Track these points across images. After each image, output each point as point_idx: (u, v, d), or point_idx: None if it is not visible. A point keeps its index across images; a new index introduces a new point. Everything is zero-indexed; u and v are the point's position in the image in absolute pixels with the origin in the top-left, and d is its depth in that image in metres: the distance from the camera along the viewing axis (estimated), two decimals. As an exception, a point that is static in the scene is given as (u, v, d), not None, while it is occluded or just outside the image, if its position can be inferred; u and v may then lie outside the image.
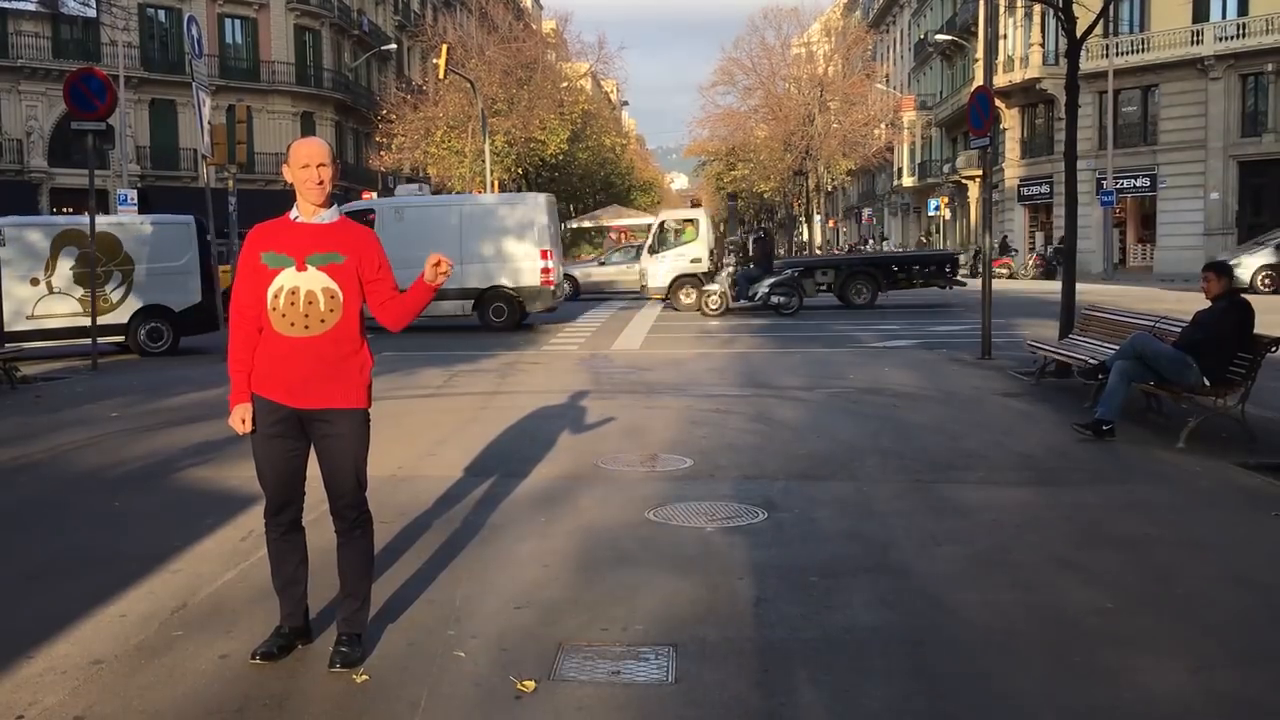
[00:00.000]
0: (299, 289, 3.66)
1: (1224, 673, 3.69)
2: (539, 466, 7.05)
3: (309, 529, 4.01)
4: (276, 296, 3.67)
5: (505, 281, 19.09)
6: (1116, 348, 8.33)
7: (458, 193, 24.00)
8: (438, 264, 3.66)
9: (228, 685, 3.65)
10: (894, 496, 6.15)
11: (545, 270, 19.03)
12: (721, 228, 32.57)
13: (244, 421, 3.76)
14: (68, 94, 12.98)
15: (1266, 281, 25.41)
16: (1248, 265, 25.90)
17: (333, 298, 3.69)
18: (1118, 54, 37.26)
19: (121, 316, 15.38)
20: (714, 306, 21.46)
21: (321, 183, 3.70)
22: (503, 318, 19.12)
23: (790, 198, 51.54)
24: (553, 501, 6.11)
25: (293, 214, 3.78)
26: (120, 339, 15.40)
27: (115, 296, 15.29)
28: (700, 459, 7.22)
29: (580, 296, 28.04)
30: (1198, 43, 37.44)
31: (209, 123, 14.72)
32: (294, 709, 3.49)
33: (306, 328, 3.67)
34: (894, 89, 63.06)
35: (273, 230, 3.77)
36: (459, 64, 38.88)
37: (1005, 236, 41.42)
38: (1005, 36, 43.33)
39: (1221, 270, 7.81)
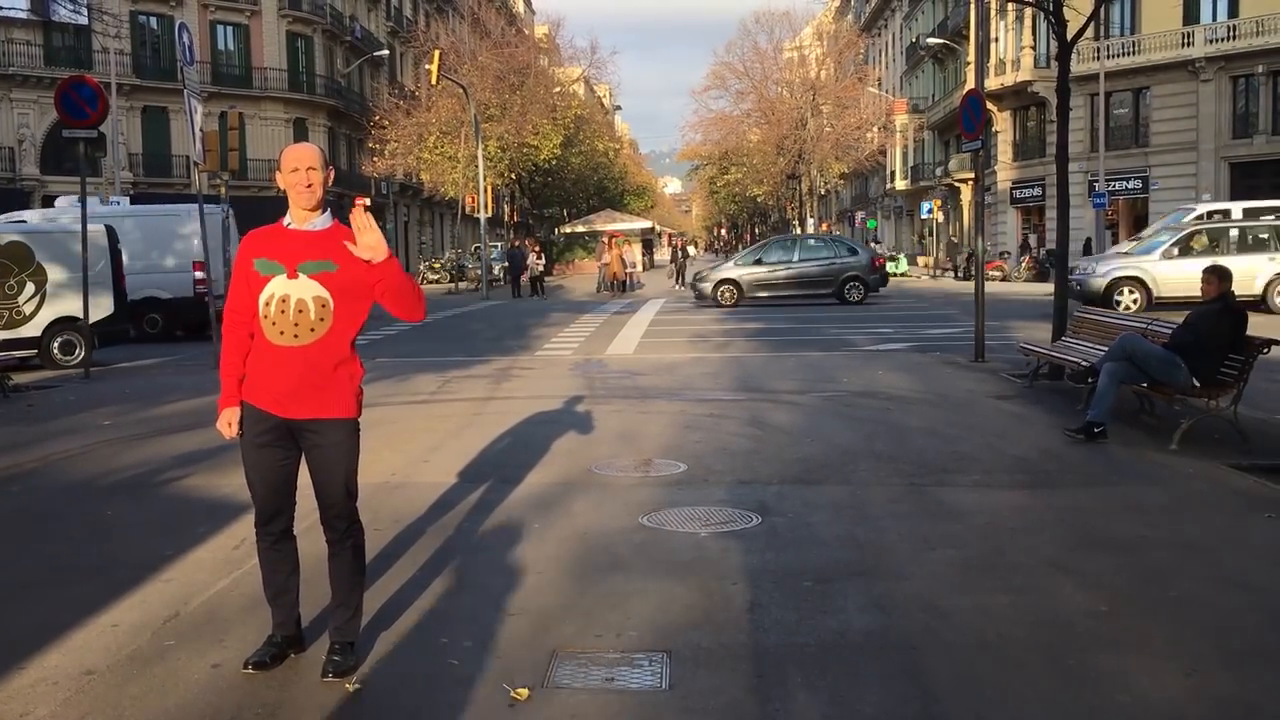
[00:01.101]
0: (289, 297, 3.63)
1: (1219, 675, 3.69)
2: (532, 472, 7.03)
3: (301, 537, 4.00)
4: (268, 304, 3.65)
5: (160, 293, 19.22)
6: (1108, 349, 8.34)
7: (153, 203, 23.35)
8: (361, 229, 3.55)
9: (220, 694, 3.63)
10: (888, 500, 6.15)
11: (199, 281, 18.85)
12: None
13: (230, 425, 3.75)
14: (59, 102, 12.93)
15: (727, 295, 25.55)
16: (710, 279, 26.44)
17: (323, 306, 3.65)
18: (1109, 56, 37.37)
19: (35, 329, 14.51)
20: None
21: (310, 186, 3.67)
22: (157, 329, 18.95)
23: (783, 201, 51.61)
24: (546, 507, 6.10)
25: (286, 220, 3.74)
26: (33, 352, 14.32)
27: (29, 309, 14.42)
28: (694, 464, 7.21)
29: None
30: (1188, 45, 37.61)
31: (201, 129, 14.68)
32: (286, 718, 3.48)
33: (296, 336, 3.64)
34: (886, 92, 63.18)
35: (266, 237, 3.74)
36: (451, 69, 38.92)
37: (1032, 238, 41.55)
38: (996, 39, 43.45)
39: (1223, 275, 7.82)
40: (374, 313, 3.85)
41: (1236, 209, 23.71)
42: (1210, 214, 23.69)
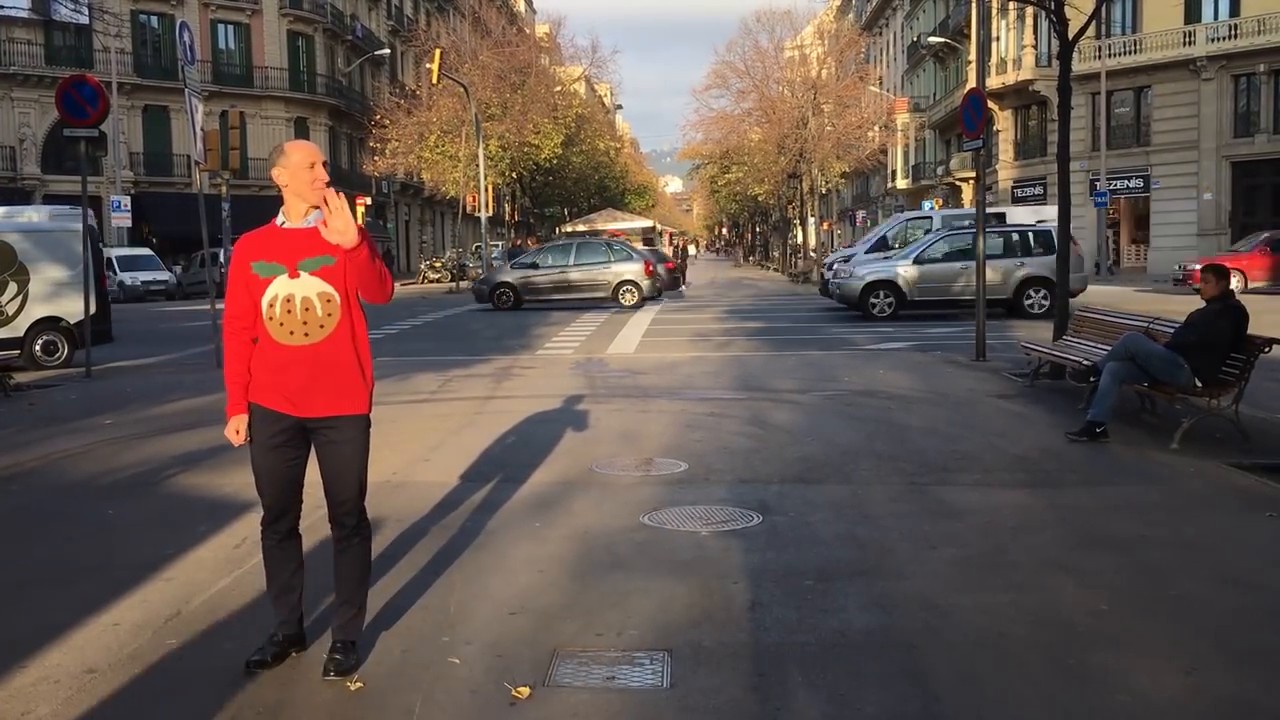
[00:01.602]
0: (294, 296, 3.62)
1: (1218, 674, 3.69)
2: (533, 472, 7.04)
3: (304, 535, 4.00)
4: (272, 306, 3.63)
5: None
6: (1109, 349, 8.34)
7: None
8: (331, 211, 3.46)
9: (221, 693, 3.63)
10: (889, 499, 6.15)
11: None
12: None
13: (238, 432, 3.73)
14: (60, 101, 12.92)
15: (503, 298, 25.77)
16: (490, 282, 26.61)
17: (329, 301, 3.65)
18: (1110, 55, 37.39)
19: (18, 330, 14.35)
20: None
21: (327, 182, 3.68)
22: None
23: (784, 200, 51.56)
24: (547, 506, 6.10)
25: (279, 220, 3.72)
26: (16, 353, 13.98)
27: (11, 309, 14.26)
28: (695, 463, 7.21)
29: None
30: (1190, 44, 37.60)
31: (202, 128, 14.66)
32: (288, 717, 3.48)
33: (306, 335, 3.63)
34: (887, 91, 63.18)
35: (261, 239, 3.71)
36: (452, 69, 38.91)
37: None
38: (998, 38, 43.46)
39: (1220, 273, 7.82)
40: (373, 314, 3.85)
41: (937, 218, 25.16)
42: (910, 220, 25.74)
